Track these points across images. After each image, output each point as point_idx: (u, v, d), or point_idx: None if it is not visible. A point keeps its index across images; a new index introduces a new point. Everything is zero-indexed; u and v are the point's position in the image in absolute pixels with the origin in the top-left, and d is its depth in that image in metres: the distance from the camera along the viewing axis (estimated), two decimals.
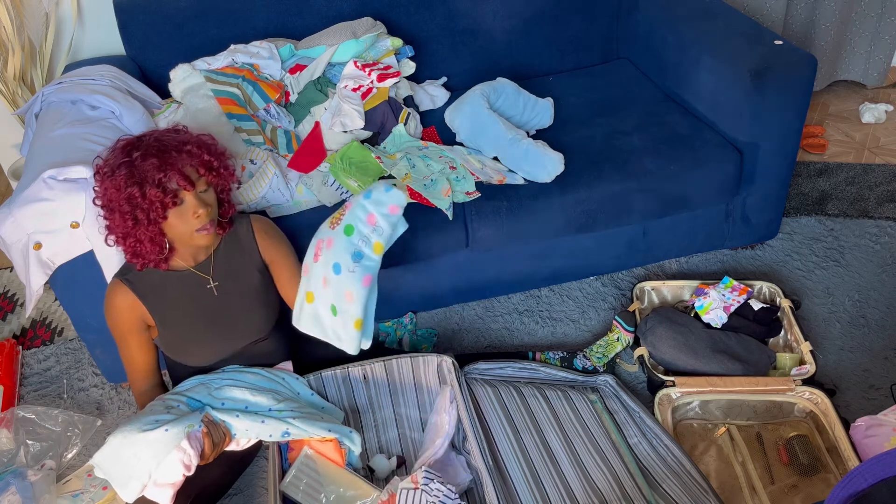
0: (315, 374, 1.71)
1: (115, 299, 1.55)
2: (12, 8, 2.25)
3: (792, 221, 2.45)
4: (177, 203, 1.45)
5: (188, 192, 1.46)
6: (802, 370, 1.83)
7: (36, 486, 1.73)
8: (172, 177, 1.42)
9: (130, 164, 1.42)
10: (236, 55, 2.14)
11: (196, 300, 1.60)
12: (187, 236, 1.50)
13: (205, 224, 1.49)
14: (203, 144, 1.50)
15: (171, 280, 1.58)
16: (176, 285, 1.58)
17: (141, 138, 1.47)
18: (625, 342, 1.99)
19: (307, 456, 1.56)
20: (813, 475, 1.68)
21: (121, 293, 1.55)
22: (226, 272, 1.64)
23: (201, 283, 1.61)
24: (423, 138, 2.15)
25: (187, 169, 1.45)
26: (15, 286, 2.48)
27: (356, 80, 2.10)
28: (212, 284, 1.62)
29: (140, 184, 1.41)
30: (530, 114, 2.16)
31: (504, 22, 2.43)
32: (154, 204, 1.42)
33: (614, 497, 1.61)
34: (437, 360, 1.74)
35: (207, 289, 1.61)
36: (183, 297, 1.59)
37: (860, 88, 3.20)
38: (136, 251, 1.49)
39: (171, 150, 1.44)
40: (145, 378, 1.62)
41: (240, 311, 1.65)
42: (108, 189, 1.44)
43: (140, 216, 1.44)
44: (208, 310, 1.61)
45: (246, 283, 1.66)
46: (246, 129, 2.02)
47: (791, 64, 1.97)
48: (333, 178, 1.95)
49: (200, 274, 1.61)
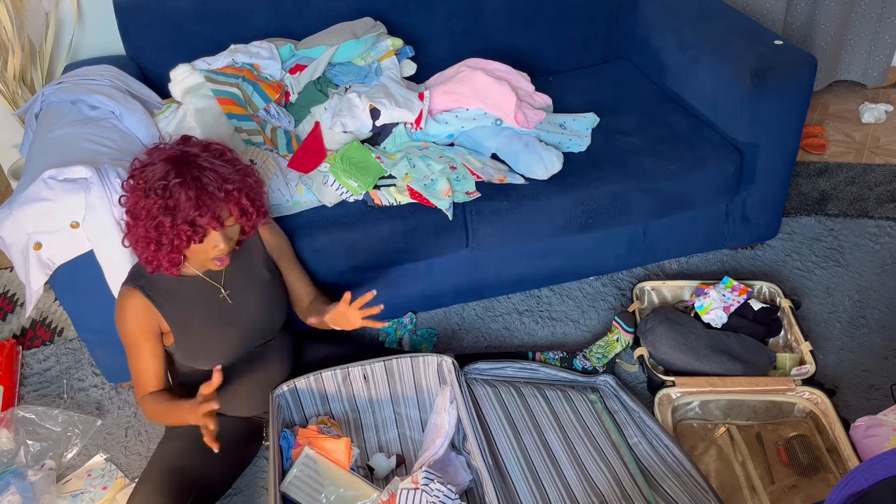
0: (315, 374, 1.71)
1: (129, 305, 1.52)
2: (12, 8, 2.25)
3: (792, 221, 2.45)
4: (202, 239, 1.43)
5: (216, 231, 1.44)
6: (802, 370, 1.83)
7: (36, 486, 1.74)
8: (206, 217, 1.40)
9: (167, 189, 1.38)
10: (236, 55, 2.14)
11: (210, 305, 1.60)
12: (202, 260, 1.49)
13: (221, 256, 1.48)
14: (244, 186, 1.46)
15: (184, 286, 1.57)
16: (189, 291, 1.57)
17: (184, 157, 1.42)
18: (624, 343, 1.99)
19: (308, 456, 1.56)
20: (813, 475, 1.68)
21: (134, 298, 1.52)
22: (237, 275, 1.64)
23: (213, 290, 1.61)
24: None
25: (222, 211, 1.43)
26: (15, 286, 2.48)
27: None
28: (223, 293, 1.61)
29: (172, 216, 1.39)
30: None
31: (504, 22, 2.43)
32: (181, 236, 1.41)
33: (614, 497, 1.61)
34: (437, 360, 1.75)
35: (220, 296, 1.61)
36: (197, 302, 1.58)
37: (860, 88, 3.20)
38: (150, 263, 1.48)
39: (211, 188, 1.40)
40: (156, 384, 1.58)
41: (253, 313, 1.65)
42: (139, 206, 1.42)
43: (164, 241, 1.42)
44: (223, 314, 1.61)
45: (257, 284, 1.66)
46: (246, 129, 2.02)
47: (791, 64, 1.97)
48: (333, 178, 1.95)
49: (212, 282, 1.60)
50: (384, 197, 1.93)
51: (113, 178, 1.66)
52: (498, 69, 2.19)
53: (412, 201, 1.92)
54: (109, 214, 1.66)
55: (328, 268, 1.91)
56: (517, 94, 2.09)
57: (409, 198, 1.92)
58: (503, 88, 2.07)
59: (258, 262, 1.68)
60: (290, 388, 1.69)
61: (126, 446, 1.90)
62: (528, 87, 2.20)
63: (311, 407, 1.76)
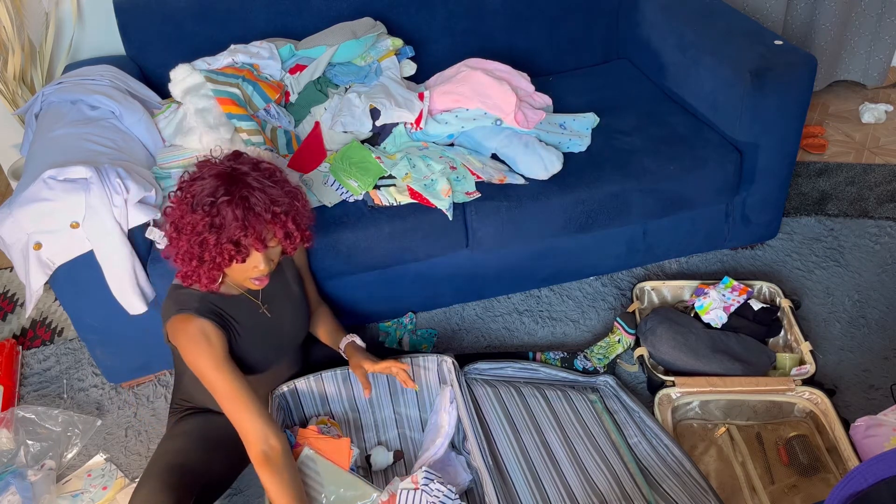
0: (315, 375, 1.71)
1: (199, 331, 1.45)
2: (12, 8, 2.25)
3: (792, 221, 2.45)
4: (245, 259, 1.43)
5: (259, 252, 1.44)
6: (802, 370, 1.83)
7: (36, 486, 1.74)
8: (250, 238, 1.39)
9: (214, 206, 1.38)
10: (236, 55, 2.14)
11: (253, 321, 1.60)
12: (240, 279, 1.49)
13: (261, 276, 1.48)
14: (291, 209, 1.45)
15: (228, 303, 1.56)
16: (234, 309, 1.57)
17: (234, 175, 1.40)
18: (626, 344, 1.99)
19: (307, 457, 1.56)
20: (813, 475, 1.68)
21: (200, 323, 1.46)
22: (274, 291, 1.65)
23: (254, 306, 1.61)
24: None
25: (267, 233, 1.42)
26: (15, 286, 2.48)
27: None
28: (262, 308, 1.62)
29: (217, 234, 1.38)
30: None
31: (504, 22, 2.43)
32: (223, 255, 1.41)
33: (614, 497, 1.61)
34: (437, 360, 1.75)
35: (260, 312, 1.61)
36: (242, 319, 1.57)
37: (860, 88, 3.20)
38: (189, 278, 1.48)
39: (259, 208, 1.39)
40: (273, 425, 1.45)
41: (288, 326, 1.67)
42: (185, 220, 1.41)
43: (206, 258, 1.42)
44: (264, 330, 1.61)
45: (290, 297, 1.69)
46: (246, 129, 2.02)
47: (791, 64, 1.97)
48: (333, 178, 1.95)
49: (252, 298, 1.61)
50: (384, 197, 1.93)
51: (113, 179, 1.66)
52: (498, 69, 2.19)
53: (412, 201, 1.92)
54: (109, 214, 1.66)
55: (328, 268, 1.91)
56: (517, 94, 2.09)
57: (409, 198, 1.92)
58: (503, 88, 2.07)
59: (291, 277, 1.71)
60: (290, 388, 1.69)
61: (126, 446, 1.91)
62: (528, 87, 2.20)
63: (311, 407, 1.76)
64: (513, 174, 2.01)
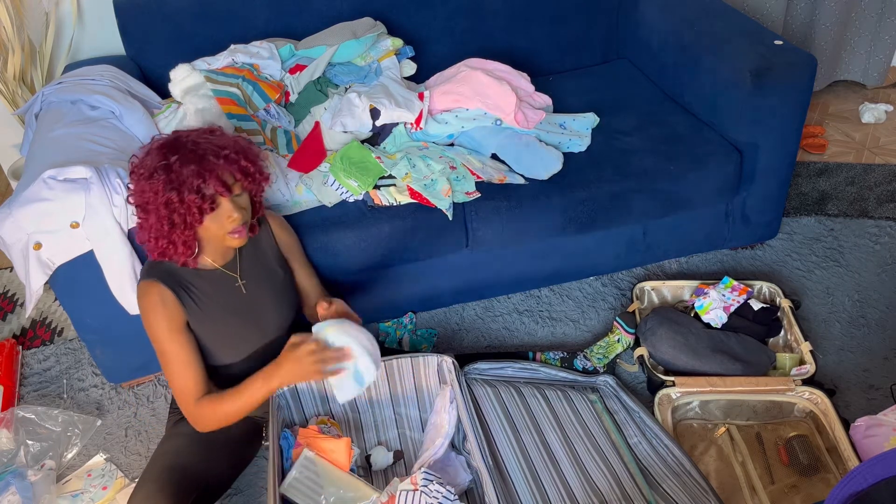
0: None
1: (154, 297, 1.50)
2: (12, 8, 2.25)
3: (792, 221, 2.45)
4: (214, 208, 1.45)
5: (224, 197, 1.46)
6: (802, 370, 1.83)
7: (36, 486, 1.74)
8: (210, 183, 1.42)
9: (168, 167, 1.41)
10: (236, 55, 2.14)
11: (226, 298, 1.60)
12: (220, 238, 1.51)
13: (238, 227, 1.50)
14: (240, 149, 1.49)
15: (201, 278, 1.57)
16: (206, 284, 1.57)
17: (177, 140, 1.46)
18: (625, 343, 1.99)
19: (307, 458, 1.56)
20: (813, 475, 1.68)
21: (157, 290, 1.50)
22: (252, 269, 1.65)
23: (229, 281, 1.61)
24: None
25: (225, 175, 1.45)
26: (15, 286, 2.48)
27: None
28: (240, 283, 1.62)
29: (178, 189, 1.41)
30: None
31: (504, 22, 2.43)
32: (192, 209, 1.42)
33: (614, 497, 1.61)
34: (437, 360, 1.74)
35: (236, 287, 1.62)
36: (213, 294, 1.58)
37: (860, 88, 3.20)
38: (166, 252, 1.49)
39: (209, 156, 1.43)
40: (204, 384, 1.53)
41: (268, 307, 1.66)
42: (146, 191, 1.44)
43: (177, 220, 1.44)
44: (238, 307, 1.61)
45: (271, 278, 1.68)
46: (246, 129, 2.02)
47: (791, 64, 1.97)
48: (333, 178, 1.95)
49: (228, 272, 1.61)
50: (384, 197, 1.93)
51: (113, 179, 1.66)
52: (498, 69, 2.19)
53: (412, 201, 1.92)
54: (109, 214, 1.66)
55: (328, 268, 1.91)
56: (517, 94, 2.09)
57: (409, 198, 1.92)
58: (503, 88, 2.07)
59: (272, 258, 1.70)
60: (290, 388, 1.69)
61: (126, 446, 1.91)
62: (528, 87, 2.20)
63: (311, 407, 1.76)
64: (513, 174, 2.01)
